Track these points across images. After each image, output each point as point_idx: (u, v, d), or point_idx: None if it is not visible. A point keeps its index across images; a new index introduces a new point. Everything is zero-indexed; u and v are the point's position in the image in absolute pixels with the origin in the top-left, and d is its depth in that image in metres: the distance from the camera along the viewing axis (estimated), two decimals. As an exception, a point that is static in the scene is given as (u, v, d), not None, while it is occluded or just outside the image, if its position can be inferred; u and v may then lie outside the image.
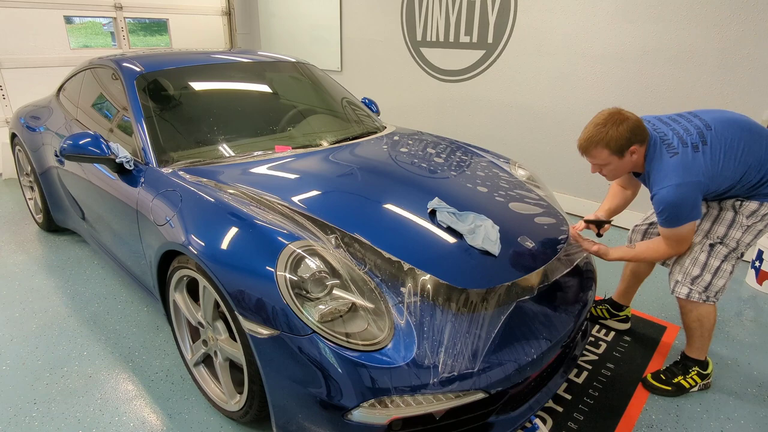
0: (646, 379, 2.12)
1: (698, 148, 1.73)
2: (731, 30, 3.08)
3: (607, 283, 2.95)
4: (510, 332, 1.57)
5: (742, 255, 1.94)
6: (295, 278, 1.47)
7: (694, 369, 2.08)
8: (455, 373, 1.41)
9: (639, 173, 1.91)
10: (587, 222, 2.12)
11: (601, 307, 2.50)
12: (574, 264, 2.01)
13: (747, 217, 1.85)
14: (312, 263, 1.51)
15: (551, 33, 3.87)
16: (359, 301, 1.48)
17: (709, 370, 2.10)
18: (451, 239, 1.78)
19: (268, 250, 1.54)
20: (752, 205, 1.83)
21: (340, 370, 1.38)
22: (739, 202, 1.85)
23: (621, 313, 2.47)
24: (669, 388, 2.07)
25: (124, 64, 2.57)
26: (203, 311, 1.82)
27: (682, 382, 2.07)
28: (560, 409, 1.96)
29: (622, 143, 1.74)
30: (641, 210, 3.75)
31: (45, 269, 3.02)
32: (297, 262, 1.50)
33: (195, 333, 2.01)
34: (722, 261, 1.90)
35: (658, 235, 1.97)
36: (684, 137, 1.75)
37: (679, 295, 1.98)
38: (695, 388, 2.09)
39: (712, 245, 1.91)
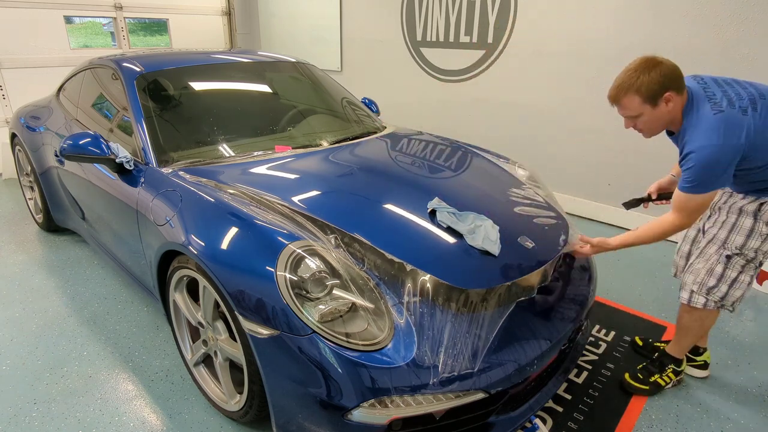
0: (624, 380, 2.09)
1: (747, 111, 1.56)
2: (731, 30, 3.08)
3: (608, 283, 2.95)
4: (510, 332, 1.57)
5: (761, 264, 1.81)
6: (295, 278, 1.47)
7: (670, 366, 2.08)
8: (455, 373, 1.42)
9: (672, 132, 1.74)
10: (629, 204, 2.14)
11: None
12: (574, 264, 2.02)
13: (767, 224, 1.73)
14: (312, 263, 1.51)
15: (551, 33, 3.86)
16: (359, 301, 1.48)
17: (682, 367, 2.11)
18: (450, 239, 1.78)
19: (268, 250, 1.54)
20: None
21: (340, 370, 1.38)
22: (758, 205, 1.72)
23: (698, 358, 2.18)
24: (647, 388, 2.06)
25: (124, 64, 2.57)
26: (203, 311, 1.82)
27: (659, 380, 2.07)
28: (560, 409, 1.96)
29: (655, 89, 1.58)
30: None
31: (45, 269, 3.02)
32: (297, 262, 1.50)
33: (195, 333, 2.02)
34: (740, 272, 1.80)
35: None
36: (733, 99, 1.59)
37: (695, 304, 1.88)
38: (670, 385, 2.10)
39: (729, 256, 1.80)
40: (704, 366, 2.18)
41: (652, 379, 2.07)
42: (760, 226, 1.74)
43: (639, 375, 2.09)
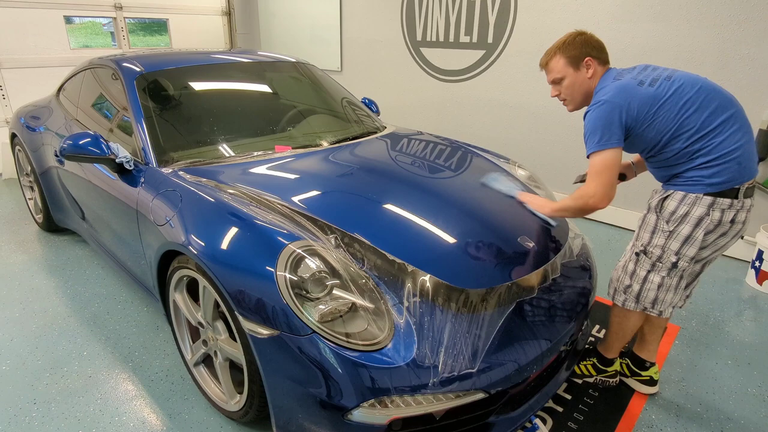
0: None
1: (644, 84, 1.66)
2: (731, 30, 3.08)
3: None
4: (510, 332, 1.57)
5: (675, 264, 1.73)
6: (295, 278, 1.47)
7: (591, 359, 2.09)
8: (455, 373, 1.42)
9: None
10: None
11: (621, 361, 2.12)
12: (575, 264, 2.01)
13: (667, 222, 1.70)
14: (312, 263, 1.51)
15: (551, 33, 3.86)
16: (359, 301, 1.48)
17: (610, 369, 2.06)
18: (450, 239, 1.78)
19: (268, 250, 1.54)
20: (671, 203, 1.69)
21: (340, 370, 1.38)
22: (660, 200, 1.72)
23: (644, 373, 2.05)
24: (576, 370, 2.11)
25: (124, 64, 2.57)
26: (203, 311, 1.82)
27: (576, 367, 2.10)
28: (560, 409, 1.96)
29: (576, 53, 1.74)
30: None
31: (45, 269, 3.02)
32: (297, 262, 1.50)
33: (195, 333, 2.02)
34: (648, 271, 1.78)
35: None
36: (636, 75, 1.70)
37: (616, 302, 1.91)
38: (590, 379, 2.09)
39: (637, 254, 1.81)
40: (650, 382, 2.05)
41: (578, 364, 2.12)
42: (661, 224, 1.72)
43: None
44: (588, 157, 1.72)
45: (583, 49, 1.74)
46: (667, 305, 1.81)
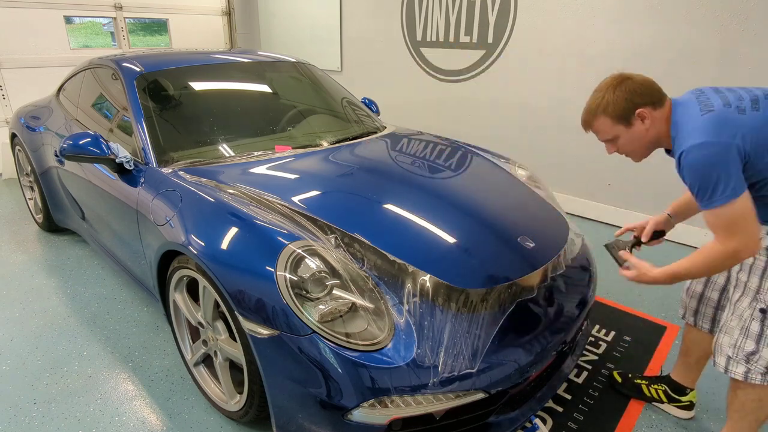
0: (611, 373, 2.12)
1: (745, 111, 1.33)
2: (731, 30, 3.08)
3: (608, 284, 2.94)
4: (510, 332, 1.57)
5: None
6: (295, 278, 1.47)
7: (662, 386, 1.97)
8: (455, 373, 1.42)
9: (669, 149, 1.49)
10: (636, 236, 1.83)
11: (656, 387, 1.99)
12: (574, 264, 2.02)
13: None
14: (312, 263, 1.51)
15: (551, 33, 3.86)
16: (359, 301, 1.48)
17: (685, 399, 1.92)
18: (450, 239, 1.78)
19: (268, 250, 1.54)
20: None
21: (340, 370, 1.38)
22: None
23: (683, 399, 1.94)
24: (620, 380, 2.06)
25: (124, 64, 2.57)
26: (203, 311, 1.82)
27: (643, 387, 2.00)
28: (560, 409, 1.96)
29: (623, 106, 1.42)
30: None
31: (45, 269, 3.02)
32: (297, 262, 1.50)
33: (195, 333, 2.02)
34: None
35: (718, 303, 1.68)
36: (730, 101, 1.36)
37: (734, 375, 1.50)
38: (659, 404, 1.97)
39: (763, 310, 1.43)
40: (689, 407, 1.95)
41: (638, 381, 2.03)
42: None
43: (629, 374, 2.09)
44: (702, 207, 1.36)
45: (632, 100, 1.41)
46: None
